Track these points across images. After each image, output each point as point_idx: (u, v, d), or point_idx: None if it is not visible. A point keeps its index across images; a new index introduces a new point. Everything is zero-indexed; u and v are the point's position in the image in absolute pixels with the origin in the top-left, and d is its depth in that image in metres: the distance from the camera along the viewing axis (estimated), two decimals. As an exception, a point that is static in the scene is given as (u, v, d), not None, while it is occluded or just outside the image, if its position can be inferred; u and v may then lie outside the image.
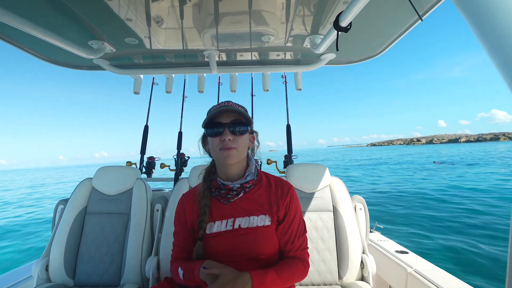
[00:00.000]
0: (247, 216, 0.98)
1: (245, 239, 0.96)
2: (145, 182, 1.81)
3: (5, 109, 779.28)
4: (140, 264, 1.59)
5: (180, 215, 1.07)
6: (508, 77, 0.54)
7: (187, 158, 2.98)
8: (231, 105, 0.97)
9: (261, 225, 0.97)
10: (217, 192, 1.00)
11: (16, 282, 1.61)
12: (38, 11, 1.26)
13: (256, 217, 0.98)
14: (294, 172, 1.76)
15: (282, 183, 1.07)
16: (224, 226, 0.97)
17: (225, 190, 0.98)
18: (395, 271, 1.74)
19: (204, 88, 2.79)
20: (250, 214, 0.98)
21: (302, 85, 2.59)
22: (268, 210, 1.00)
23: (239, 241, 0.96)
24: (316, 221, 1.65)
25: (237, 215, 0.98)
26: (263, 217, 0.99)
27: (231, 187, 0.98)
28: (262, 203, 1.01)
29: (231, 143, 0.93)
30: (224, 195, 0.99)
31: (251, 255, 0.96)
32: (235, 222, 0.98)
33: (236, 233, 0.97)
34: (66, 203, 1.72)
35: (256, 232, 0.97)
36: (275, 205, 1.01)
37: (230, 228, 0.97)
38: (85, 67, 2.10)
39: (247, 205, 1.00)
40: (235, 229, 0.97)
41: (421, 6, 1.23)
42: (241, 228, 0.97)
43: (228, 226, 0.97)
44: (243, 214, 0.98)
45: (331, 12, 1.32)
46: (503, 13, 0.56)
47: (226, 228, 0.97)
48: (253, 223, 0.97)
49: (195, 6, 1.25)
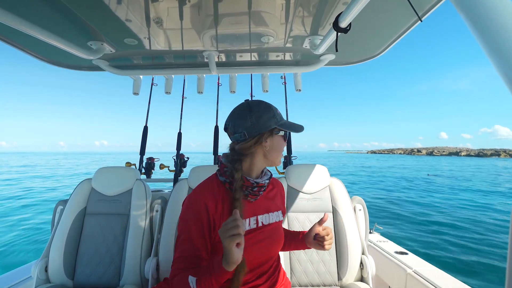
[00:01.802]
0: (266, 213, 1.02)
1: (268, 235, 1.00)
2: (144, 183, 1.81)
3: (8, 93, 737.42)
4: (140, 265, 1.59)
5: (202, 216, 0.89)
6: (507, 78, 0.54)
7: (187, 158, 2.98)
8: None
9: (277, 221, 1.06)
10: (249, 190, 0.95)
11: (15, 283, 1.60)
12: (37, 12, 1.26)
13: (273, 213, 1.05)
14: (293, 172, 1.76)
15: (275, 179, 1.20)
16: (248, 225, 0.96)
17: (257, 187, 0.96)
18: (394, 272, 1.74)
19: (204, 89, 2.79)
20: (268, 211, 1.03)
21: (302, 86, 2.59)
22: (279, 205, 1.11)
23: (261, 237, 0.97)
24: (316, 222, 1.65)
25: (258, 212, 1.00)
26: (277, 212, 1.07)
27: (263, 183, 0.97)
28: (274, 199, 1.09)
29: None
30: (256, 193, 0.97)
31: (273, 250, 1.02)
32: (258, 220, 0.99)
33: (261, 230, 0.98)
34: (65, 204, 1.72)
35: (274, 227, 1.03)
36: (281, 200, 1.16)
37: (254, 227, 0.97)
38: (85, 68, 2.10)
39: (264, 202, 1.04)
40: (259, 226, 0.98)
41: (420, 7, 1.23)
42: (264, 225, 1.00)
43: (252, 224, 0.97)
44: (263, 211, 1.01)
45: (331, 13, 1.32)
46: (502, 13, 0.57)
47: (250, 227, 0.96)
48: (272, 219, 1.03)
49: (195, 6, 1.25)
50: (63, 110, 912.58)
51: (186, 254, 0.87)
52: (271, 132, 0.97)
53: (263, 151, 0.97)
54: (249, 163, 0.98)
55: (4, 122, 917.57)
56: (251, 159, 0.98)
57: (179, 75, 2.57)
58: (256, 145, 0.95)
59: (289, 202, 1.70)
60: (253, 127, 0.93)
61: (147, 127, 3.05)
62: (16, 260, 5.03)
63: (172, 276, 0.89)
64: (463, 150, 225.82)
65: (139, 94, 2.69)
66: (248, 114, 0.94)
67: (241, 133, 0.94)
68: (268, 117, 0.95)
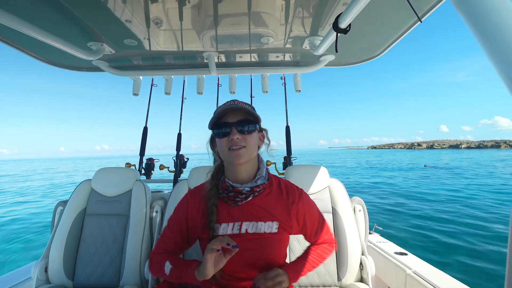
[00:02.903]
0: (254, 221, 0.94)
1: (251, 245, 0.92)
2: (144, 183, 1.81)
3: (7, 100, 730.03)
4: (139, 265, 1.59)
5: (181, 210, 1.01)
6: (507, 78, 0.54)
7: (187, 159, 2.98)
8: (237, 104, 0.93)
9: (268, 232, 0.94)
10: (225, 194, 0.95)
11: (15, 284, 1.60)
12: (37, 12, 1.26)
13: (264, 223, 0.95)
14: (293, 173, 1.76)
15: (293, 188, 1.05)
16: (231, 229, 0.93)
17: (233, 192, 0.93)
18: (394, 273, 1.74)
19: (203, 90, 2.79)
20: (257, 220, 0.95)
21: (302, 86, 2.60)
22: (277, 217, 0.97)
23: (245, 246, 0.91)
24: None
25: (244, 219, 0.94)
26: (271, 223, 0.95)
27: (240, 190, 0.93)
28: (271, 209, 0.97)
29: (240, 141, 0.90)
30: (232, 198, 0.94)
31: (257, 262, 0.94)
32: (242, 226, 0.93)
33: (242, 238, 0.92)
34: (65, 205, 1.72)
35: (262, 238, 0.94)
36: (286, 214, 0.99)
37: (236, 232, 0.93)
38: (84, 69, 2.10)
39: (255, 210, 0.96)
40: (241, 233, 0.93)
41: (420, 8, 1.23)
42: (248, 233, 0.93)
43: (234, 229, 0.93)
44: (251, 218, 0.94)
45: (330, 13, 1.32)
46: (501, 13, 0.57)
47: (233, 232, 0.93)
48: (260, 229, 0.94)
49: (194, 7, 1.25)
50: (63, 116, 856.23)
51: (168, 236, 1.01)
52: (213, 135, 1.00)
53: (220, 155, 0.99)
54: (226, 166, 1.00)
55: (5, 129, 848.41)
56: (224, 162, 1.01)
57: (179, 76, 2.57)
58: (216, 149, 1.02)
59: None
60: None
61: (147, 128, 3.05)
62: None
63: (153, 252, 1.01)
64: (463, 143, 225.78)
65: (139, 95, 2.69)
66: None
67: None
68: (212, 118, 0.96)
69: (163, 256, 0.97)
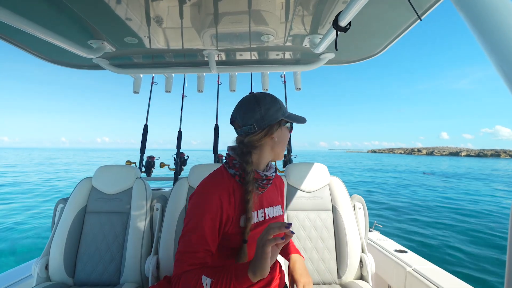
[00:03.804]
0: (271, 206, 1.03)
1: None
2: (144, 181, 1.82)
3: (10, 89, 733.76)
4: (140, 263, 1.60)
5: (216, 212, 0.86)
6: (507, 78, 0.54)
7: (187, 157, 2.99)
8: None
9: (279, 215, 1.06)
10: (258, 183, 0.95)
11: (15, 281, 1.61)
12: (38, 10, 1.26)
13: (275, 206, 1.05)
14: (293, 171, 1.77)
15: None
16: (256, 217, 0.96)
17: (266, 180, 0.97)
18: (394, 270, 1.75)
19: (204, 88, 2.79)
20: (272, 204, 1.04)
21: (302, 85, 2.60)
22: (279, 200, 1.11)
23: None
24: (315, 220, 1.65)
25: (264, 205, 1.00)
26: (279, 206, 1.08)
27: (271, 176, 0.98)
28: (275, 193, 1.10)
29: None
30: (265, 185, 0.98)
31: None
32: (265, 213, 0.99)
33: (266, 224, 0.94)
34: (65, 202, 1.72)
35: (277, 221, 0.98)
36: (280, 194, 1.15)
37: (262, 219, 0.97)
38: (85, 67, 2.10)
39: (269, 196, 1.04)
40: (266, 219, 0.98)
41: (420, 6, 1.23)
42: (270, 218, 1.00)
43: (259, 216, 0.97)
44: (268, 204, 1.02)
45: (330, 11, 1.32)
46: (502, 12, 0.57)
47: (258, 219, 0.96)
48: (276, 212, 1.04)
49: (195, 5, 1.25)
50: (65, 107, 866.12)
51: (197, 249, 0.83)
52: (279, 124, 0.97)
53: (271, 144, 0.97)
54: (258, 155, 0.97)
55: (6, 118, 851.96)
56: (260, 152, 0.97)
57: (179, 73, 2.57)
58: (266, 137, 0.95)
59: (288, 200, 1.71)
60: (262, 119, 0.92)
61: (147, 126, 3.05)
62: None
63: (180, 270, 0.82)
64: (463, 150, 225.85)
65: (139, 92, 2.69)
66: (257, 106, 0.93)
67: (250, 126, 0.92)
68: (276, 109, 0.95)
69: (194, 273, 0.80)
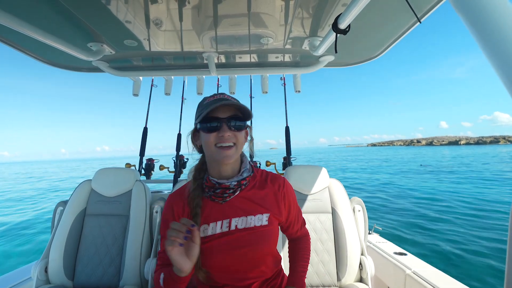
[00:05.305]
0: (243, 216, 0.92)
1: (243, 242, 0.89)
2: (144, 184, 1.81)
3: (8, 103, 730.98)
4: (139, 265, 1.59)
5: (167, 218, 0.95)
6: (505, 77, 0.54)
7: (186, 160, 2.98)
8: (228, 98, 0.90)
9: (258, 225, 0.92)
10: (212, 192, 0.91)
11: (15, 284, 1.60)
12: (38, 13, 1.26)
13: (253, 216, 0.93)
14: (293, 173, 1.77)
15: (275, 177, 1.05)
16: (220, 227, 0.90)
17: (221, 189, 0.90)
18: (393, 273, 1.74)
19: (203, 90, 2.80)
20: (247, 214, 0.92)
21: (301, 86, 2.60)
22: (266, 208, 0.96)
23: (237, 244, 0.89)
24: (315, 222, 1.65)
25: (232, 215, 0.91)
26: (260, 216, 0.93)
27: (228, 185, 0.89)
28: (259, 201, 0.96)
29: (230, 138, 0.87)
30: (220, 195, 0.90)
31: (251, 258, 0.92)
32: (231, 223, 0.91)
33: (232, 235, 0.90)
34: (65, 205, 1.72)
35: (253, 232, 0.91)
36: (274, 202, 0.98)
37: (226, 230, 0.90)
38: (85, 69, 2.11)
39: (243, 204, 0.94)
40: (231, 230, 0.90)
41: (419, 9, 1.24)
42: (238, 229, 0.90)
43: (224, 227, 0.90)
44: (240, 214, 0.92)
45: (330, 14, 1.32)
46: (500, 14, 0.57)
47: (222, 230, 0.90)
48: (250, 223, 0.92)
49: (194, 8, 1.26)
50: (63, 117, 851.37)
51: (161, 251, 0.98)
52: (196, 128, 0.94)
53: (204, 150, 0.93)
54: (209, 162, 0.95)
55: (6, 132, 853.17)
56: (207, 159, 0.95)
57: (178, 76, 2.58)
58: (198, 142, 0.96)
59: None
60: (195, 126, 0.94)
61: (147, 128, 3.05)
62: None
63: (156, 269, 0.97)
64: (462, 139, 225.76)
65: (139, 95, 2.70)
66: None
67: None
68: (196, 114, 0.93)
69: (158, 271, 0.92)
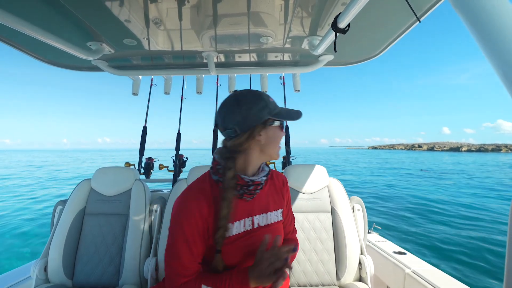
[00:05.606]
0: (264, 213, 0.93)
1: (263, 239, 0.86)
2: (143, 183, 1.81)
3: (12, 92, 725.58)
4: (139, 265, 1.59)
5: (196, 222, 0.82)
6: (505, 78, 0.54)
7: (186, 159, 2.98)
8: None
9: (275, 221, 0.96)
10: (244, 190, 0.87)
11: (14, 283, 1.60)
12: (37, 12, 1.26)
13: (271, 212, 0.95)
14: (292, 173, 1.77)
15: (278, 173, 1.08)
16: (243, 226, 0.88)
17: (254, 186, 0.88)
18: (393, 272, 1.75)
19: (203, 89, 2.80)
20: (266, 210, 0.94)
21: (301, 86, 2.60)
22: (279, 204, 1.00)
23: (258, 241, 0.86)
24: (314, 222, 1.65)
25: (254, 212, 0.91)
26: (276, 212, 0.97)
27: (259, 181, 0.89)
28: (273, 197, 0.99)
29: None
30: (252, 191, 0.88)
31: None
32: (253, 221, 0.90)
33: (255, 233, 0.89)
34: (64, 204, 1.72)
35: (272, 229, 0.93)
36: (281, 197, 1.02)
37: (249, 228, 0.89)
38: (84, 68, 2.10)
39: (262, 201, 0.94)
40: (254, 228, 0.90)
41: (419, 8, 1.24)
42: (260, 227, 0.91)
43: (247, 226, 0.88)
44: (260, 211, 0.92)
45: (329, 13, 1.32)
46: (500, 13, 0.57)
47: (245, 229, 0.88)
48: (269, 220, 0.94)
49: (194, 7, 1.25)
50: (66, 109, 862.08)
51: (185, 261, 0.82)
52: (265, 124, 0.86)
53: (259, 146, 0.88)
54: (243, 159, 0.89)
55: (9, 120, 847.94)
56: (246, 156, 0.89)
57: (178, 75, 2.57)
58: (250, 140, 0.86)
59: None
60: (243, 121, 0.83)
61: (146, 127, 3.05)
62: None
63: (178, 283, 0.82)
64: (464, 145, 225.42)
65: (138, 94, 2.69)
66: (237, 107, 0.84)
67: (231, 129, 0.84)
68: (260, 107, 0.84)
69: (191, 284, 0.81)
